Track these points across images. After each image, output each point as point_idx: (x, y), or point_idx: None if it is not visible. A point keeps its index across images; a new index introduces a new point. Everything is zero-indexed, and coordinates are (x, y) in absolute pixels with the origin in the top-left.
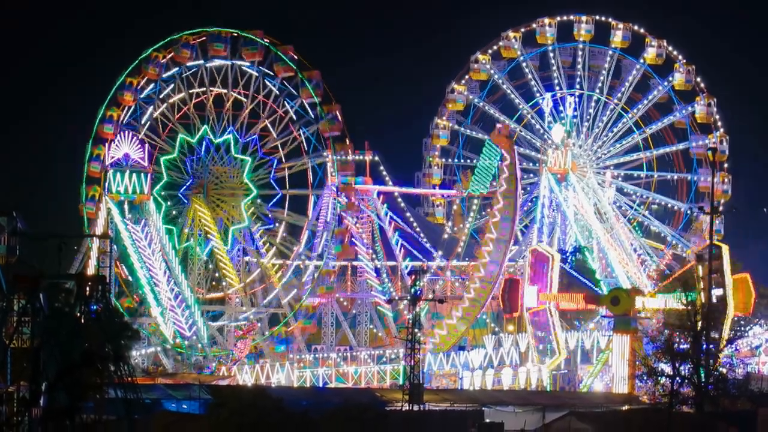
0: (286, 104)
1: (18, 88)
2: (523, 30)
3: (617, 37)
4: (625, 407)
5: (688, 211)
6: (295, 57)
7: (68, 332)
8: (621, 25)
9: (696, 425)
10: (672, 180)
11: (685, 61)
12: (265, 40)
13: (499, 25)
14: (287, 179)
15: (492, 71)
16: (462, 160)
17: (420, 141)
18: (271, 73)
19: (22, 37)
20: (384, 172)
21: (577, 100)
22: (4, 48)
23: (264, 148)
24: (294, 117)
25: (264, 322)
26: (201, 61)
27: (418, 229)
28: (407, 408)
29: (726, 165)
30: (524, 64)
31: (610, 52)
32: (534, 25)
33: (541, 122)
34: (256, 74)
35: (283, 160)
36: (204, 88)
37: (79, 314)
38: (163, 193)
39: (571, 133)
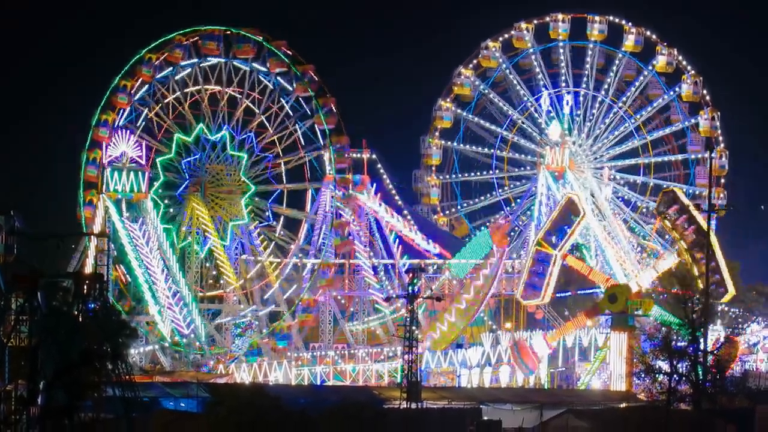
0: (281, 100)
1: (18, 88)
2: (536, 22)
3: (629, 42)
4: (623, 405)
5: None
6: (289, 52)
7: (66, 331)
8: (634, 30)
9: (694, 423)
10: (669, 176)
11: (693, 72)
12: (258, 36)
13: (498, 26)
14: (284, 174)
15: (500, 59)
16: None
17: (419, 140)
18: (265, 69)
19: (22, 37)
20: (381, 170)
21: (580, 98)
22: (4, 48)
23: (260, 144)
24: (290, 112)
25: (262, 320)
26: (195, 60)
27: (415, 228)
28: (405, 406)
29: (723, 180)
30: (532, 57)
31: (620, 55)
32: (547, 19)
33: (540, 119)
34: (250, 70)
35: (281, 154)
36: (198, 87)
37: (77, 313)
38: (160, 191)
39: (572, 130)
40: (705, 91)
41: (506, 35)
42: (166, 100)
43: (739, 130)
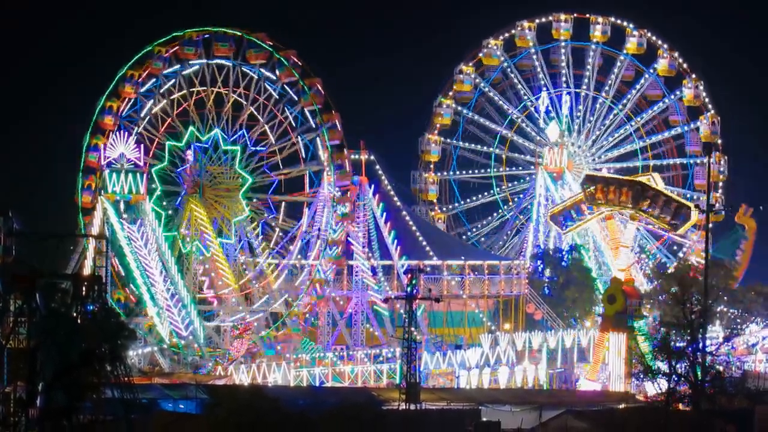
0: (286, 110)
1: (18, 89)
2: (538, 21)
3: (632, 44)
4: (622, 405)
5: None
6: (298, 63)
7: (65, 332)
8: (636, 32)
9: (693, 423)
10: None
11: (695, 76)
12: (268, 43)
13: (499, 25)
14: (280, 162)
15: (502, 57)
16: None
17: (417, 141)
18: (273, 77)
19: (22, 38)
20: (380, 171)
21: (581, 99)
22: (4, 48)
23: (253, 139)
24: (293, 123)
25: (261, 321)
26: (204, 60)
27: (414, 228)
28: (404, 407)
29: (721, 186)
30: (534, 56)
31: (621, 57)
32: (550, 19)
33: (538, 119)
34: (257, 77)
35: (273, 142)
36: (205, 87)
37: (75, 314)
38: (164, 205)
39: (572, 131)
40: (706, 96)
41: (508, 34)
42: (172, 97)
43: (739, 130)
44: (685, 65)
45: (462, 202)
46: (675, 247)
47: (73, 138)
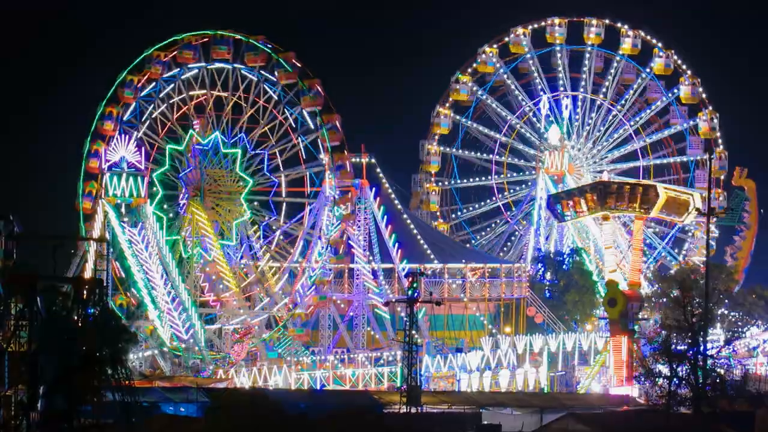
0: (286, 111)
1: (18, 93)
2: (532, 27)
3: (626, 44)
4: (623, 408)
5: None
6: (298, 64)
7: (66, 336)
8: (631, 33)
9: (694, 426)
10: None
11: (691, 74)
12: (268, 45)
13: (496, 31)
14: (281, 164)
15: (497, 65)
16: (460, 150)
17: (417, 144)
18: (273, 79)
19: (22, 38)
20: (380, 174)
21: (579, 102)
22: (4, 49)
23: (252, 139)
24: (293, 124)
25: (262, 325)
26: (203, 63)
27: (415, 231)
28: (405, 410)
29: (722, 180)
30: (530, 62)
31: (617, 58)
32: (543, 24)
33: (539, 123)
34: (256, 80)
35: (274, 142)
36: (204, 91)
37: (76, 318)
38: (164, 208)
39: (571, 134)
40: (703, 93)
41: (503, 40)
42: (171, 101)
43: (738, 130)
44: (681, 63)
45: (464, 210)
46: (677, 250)
47: (74, 142)
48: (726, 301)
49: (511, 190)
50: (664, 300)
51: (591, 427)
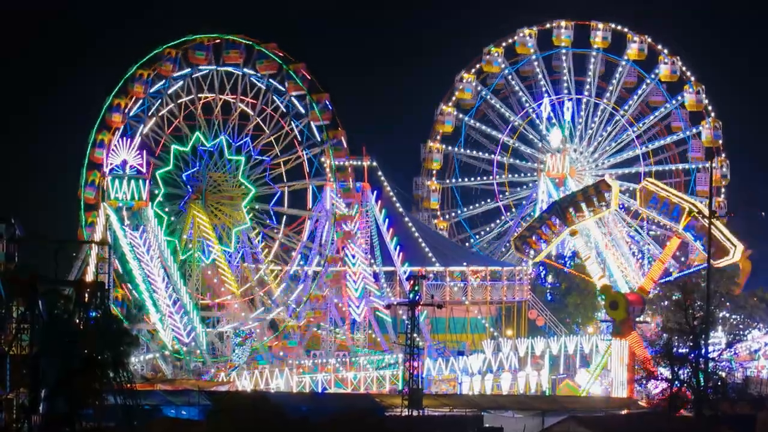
0: (293, 123)
1: (18, 89)
2: (538, 29)
3: (632, 50)
4: (625, 411)
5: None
6: (308, 76)
7: (67, 339)
8: (637, 38)
9: (695, 429)
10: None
11: (696, 81)
12: (278, 54)
13: (503, 30)
14: (284, 174)
15: (503, 65)
16: (462, 149)
17: (419, 148)
18: (282, 89)
19: (22, 38)
20: (382, 177)
21: (583, 105)
22: (4, 49)
23: (257, 147)
24: (299, 136)
25: (263, 327)
26: (213, 66)
27: (416, 234)
28: (407, 413)
29: (723, 191)
30: (535, 63)
31: (623, 63)
32: (550, 26)
33: (540, 126)
34: (242, 75)
35: (279, 154)
36: (213, 94)
37: (78, 321)
38: (163, 204)
39: (574, 137)
40: (707, 101)
41: (509, 41)
42: (179, 100)
43: (738, 130)
44: (686, 71)
45: (464, 209)
46: (678, 253)
47: (75, 142)
48: (727, 304)
49: (512, 192)
50: (666, 303)
51: (593, 430)
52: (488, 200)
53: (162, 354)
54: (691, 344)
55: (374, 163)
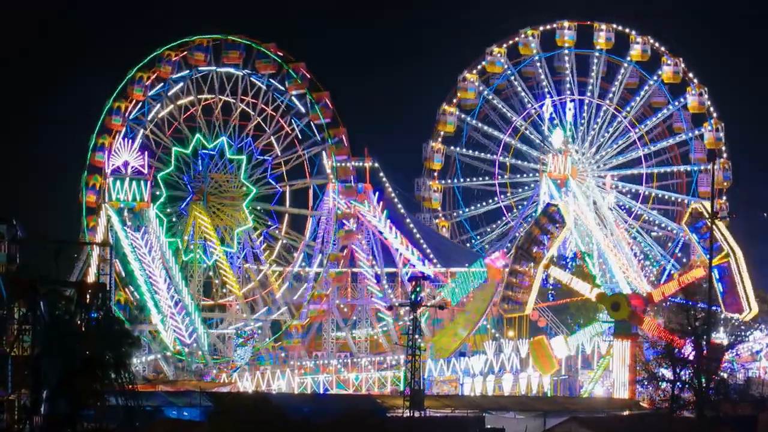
0: (293, 122)
1: (18, 89)
2: (542, 29)
3: (636, 51)
4: (626, 412)
5: (681, 235)
6: (307, 75)
7: (69, 340)
8: (640, 39)
9: (697, 430)
10: (671, 198)
11: (698, 82)
12: (278, 54)
13: (499, 33)
14: (285, 174)
15: (505, 65)
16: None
17: (420, 148)
18: (282, 88)
19: (22, 38)
20: (384, 178)
21: (585, 106)
22: (4, 49)
23: (258, 147)
24: (299, 135)
25: (265, 328)
26: (213, 67)
27: (418, 236)
28: (408, 414)
29: (725, 194)
30: (537, 64)
31: (625, 64)
32: (554, 26)
33: (542, 127)
34: (265, 87)
35: (279, 154)
36: (213, 95)
37: (79, 322)
38: (164, 205)
39: (575, 138)
40: (710, 102)
41: (512, 41)
42: (179, 102)
43: (738, 130)
44: (689, 72)
45: (466, 210)
46: (680, 254)
47: (75, 142)
48: None
49: (514, 192)
50: (667, 304)
51: (594, 431)
52: (490, 201)
53: (164, 355)
54: (693, 345)
55: (376, 164)
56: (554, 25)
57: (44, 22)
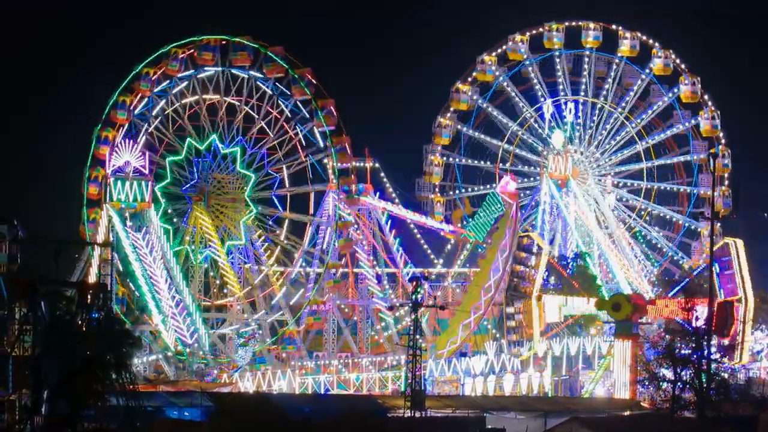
0: (297, 127)
1: (18, 89)
2: (529, 34)
3: (625, 46)
4: (627, 413)
5: (686, 225)
6: (313, 81)
7: (69, 340)
8: (628, 34)
9: (698, 430)
10: (672, 189)
11: (690, 72)
12: (285, 58)
13: (504, 30)
14: (287, 179)
15: (497, 73)
16: (463, 160)
17: (421, 148)
18: (287, 93)
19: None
20: (384, 179)
21: (580, 106)
22: (4, 49)
23: (270, 167)
24: (303, 141)
25: (265, 329)
26: (220, 67)
27: (419, 236)
28: (409, 414)
29: (727, 181)
30: (529, 68)
31: (617, 61)
32: (541, 30)
33: (542, 128)
34: (271, 92)
35: (286, 182)
36: (218, 96)
37: (80, 322)
38: (166, 194)
39: (573, 139)
40: (703, 91)
41: (501, 48)
42: (184, 100)
43: (738, 130)
44: (679, 63)
45: (469, 220)
46: (680, 255)
47: (75, 142)
48: None
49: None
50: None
51: (595, 431)
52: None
53: (165, 355)
54: (694, 345)
55: (377, 165)
56: (542, 29)
57: (44, 22)
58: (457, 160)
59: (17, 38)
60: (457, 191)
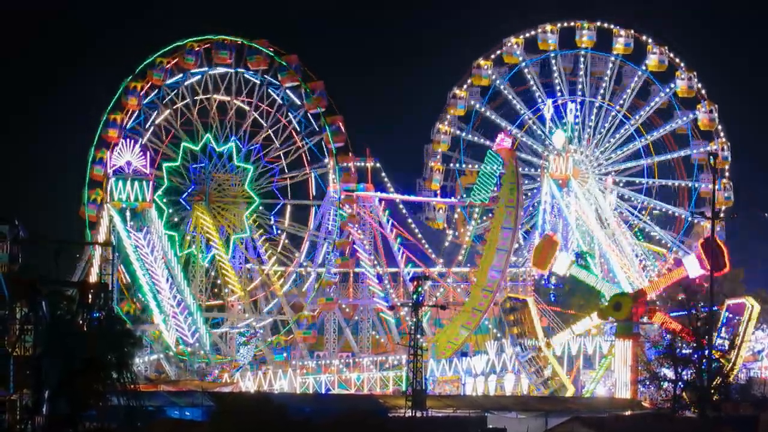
0: (290, 114)
1: (18, 89)
2: (524, 36)
3: (619, 44)
4: (628, 412)
5: (689, 218)
6: (300, 67)
7: (70, 340)
8: (623, 32)
9: (698, 430)
10: (673, 186)
11: (686, 67)
12: (270, 49)
13: (500, 33)
14: (289, 189)
15: (494, 77)
16: (463, 165)
17: (421, 147)
18: (276, 82)
19: (22, 38)
20: (385, 179)
21: (578, 106)
22: (4, 49)
23: (266, 157)
24: (297, 127)
25: (266, 329)
26: (205, 68)
27: (420, 236)
28: (410, 414)
29: (727, 173)
30: (526, 71)
31: (612, 59)
32: (535, 32)
33: (543, 128)
34: (259, 83)
35: (285, 170)
36: (208, 95)
37: (81, 322)
38: (165, 200)
39: (573, 139)
40: (700, 85)
41: (497, 51)
42: (174, 107)
43: (738, 129)
44: (675, 58)
45: (473, 223)
46: (681, 254)
47: (75, 142)
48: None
49: None
50: (669, 304)
51: (596, 431)
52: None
53: (166, 355)
54: (695, 345)
55: (378, 164)
56: (536, 31)
57: (44, 22)
58: (457, 165)
59: (17, 38)
60: (458, 164)
